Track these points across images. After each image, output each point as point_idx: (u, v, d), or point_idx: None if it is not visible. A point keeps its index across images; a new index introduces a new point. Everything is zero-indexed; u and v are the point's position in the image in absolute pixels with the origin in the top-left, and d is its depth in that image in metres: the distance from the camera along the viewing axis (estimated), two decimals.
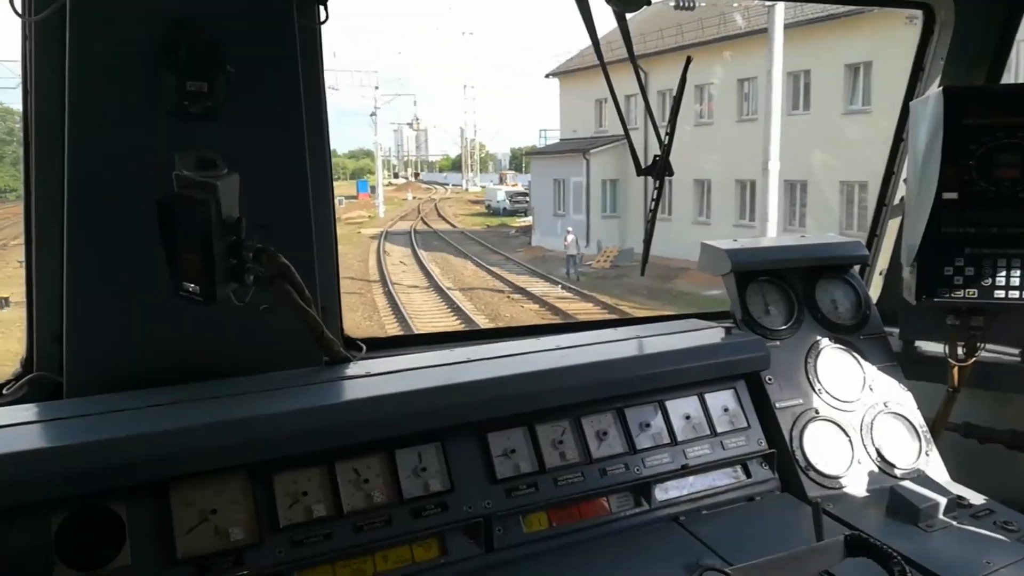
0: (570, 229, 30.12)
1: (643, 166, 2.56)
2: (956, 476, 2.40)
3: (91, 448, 1.62)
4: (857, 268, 2.79)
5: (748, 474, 2.26)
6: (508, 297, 23.23)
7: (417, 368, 2.11)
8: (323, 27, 2.16)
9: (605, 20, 2.33)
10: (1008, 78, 2.99)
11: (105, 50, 1.88)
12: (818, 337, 2.54)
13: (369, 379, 2.03)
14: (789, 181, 23.74)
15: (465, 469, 1.95)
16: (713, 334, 2.46)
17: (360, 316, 20.58)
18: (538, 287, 24.54)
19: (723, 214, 27.56)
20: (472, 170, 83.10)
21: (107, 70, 1.89)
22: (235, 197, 1.78)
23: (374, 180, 60.07)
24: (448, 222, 46.86)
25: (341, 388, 1.99)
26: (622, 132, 2.68)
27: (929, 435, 2.46)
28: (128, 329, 2.01)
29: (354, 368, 2.12)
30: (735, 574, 1.52)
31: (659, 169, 2.52)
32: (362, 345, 2.35)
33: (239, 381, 1.98)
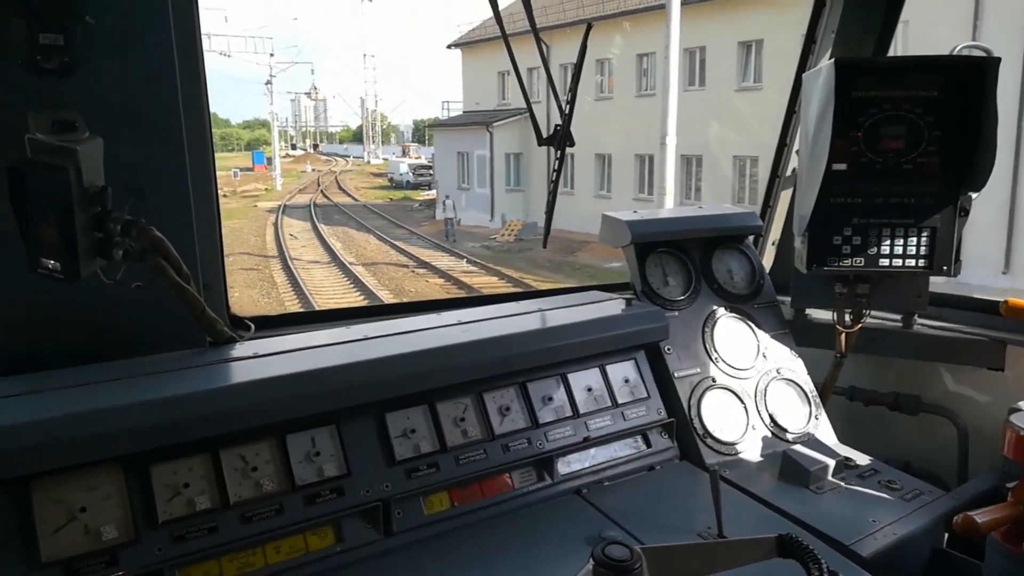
0: (447, 196, 32.15)
1: (544, 136, 2.53)
2: (843, 438, 2.50)
3: None
4: (751, 238, 2.85)
5: (648, 444, 2.28)
6: (412, 272, 22.99)
7: (309, 348, 2.00)
8: None
9: None
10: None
11: None
12: (714, 307, 2.58)
13: (256, 360, 1.90)
14: (685, 155, 24.41)
15: (362, 452, 1.86)
16: (614, 306, 2.45)
17: (258, 293, 19.92)
18: (443, 261, 24.40)
19: (623, 188, 28.10)
20: (374, 142, 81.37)
21: None
22: (99, 163, 1.61)
23: (271, 151, 57.91)
24: (349, 195, 45.83)
25: (225, 370, 1.85)
26: (525, 105, 2.62)
27: (818, 399, 2.55)
28: None
29: (240, 349, 1.98)
30: (644, 553, 1.48)
31: (560, 139, 2.48)
32: (250, 324, 2.21)
33: (112, 366, 1.82)
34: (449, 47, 38.56)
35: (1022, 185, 16.06)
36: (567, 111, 2.47)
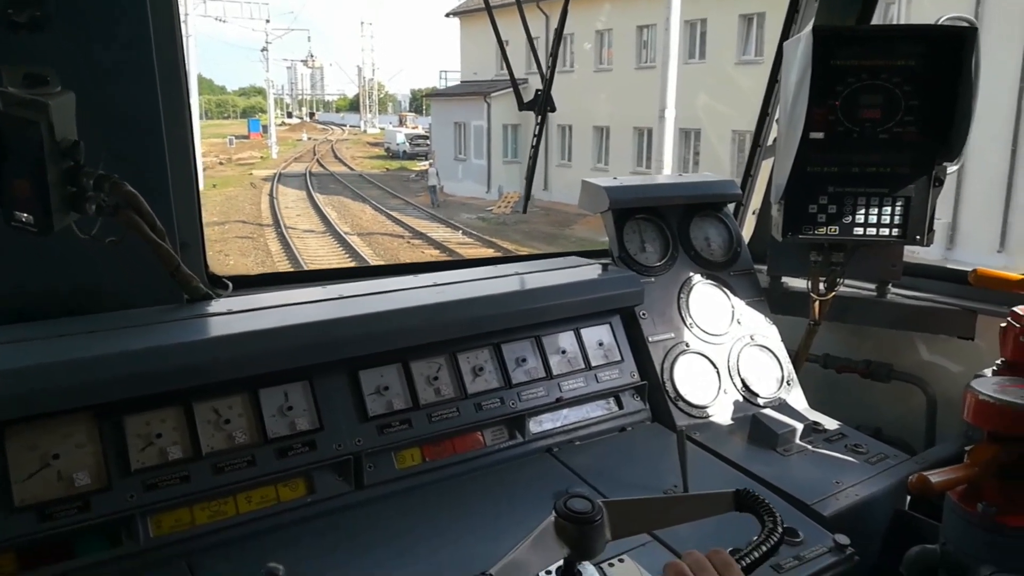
0: (431, 162, 34.07)
1: (524, 101, 2.54)
2: (816, 405, 2.54)
3: None
4: (732, 207, 2.87)
5: (620, 405, 2.32)
6: (408, 243, 22.95)
7: (285, 305, 2.02)
8: None
9: None
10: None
11: None
12: (691, 273, 2.60)
13: (231, 316, 1.93)
14: (684, 129, 24.27)
15: (335, 407, 1.90)
16: (590, 271, 2.48)
17: (252, 262, 19.91)
18: (439, 232, 24.34)
19: (621, 161, 27.95)
20: (370, 111, 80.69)
21: None
22: (71, 118, 1.62)
23: (266, 119, 57.42)
24: (346, 164, 45.53)
25: (199, 325, 1.88)
26: (523, 76, 2.64)
27: (791, 366, 2.59)
28: None
29: (216, 305, 2.01)
30: (605, 507, 1.53)
31: (540, 104, 2.49)
32: (228, 283, 2.23)
33: (88, 319, 1.84)
34: (448, 16, 38.13)
35: (1020, 165, 16.03)
36: (548, 76, 2.48)
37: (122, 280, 1.96)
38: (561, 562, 1.55)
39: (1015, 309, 2.00)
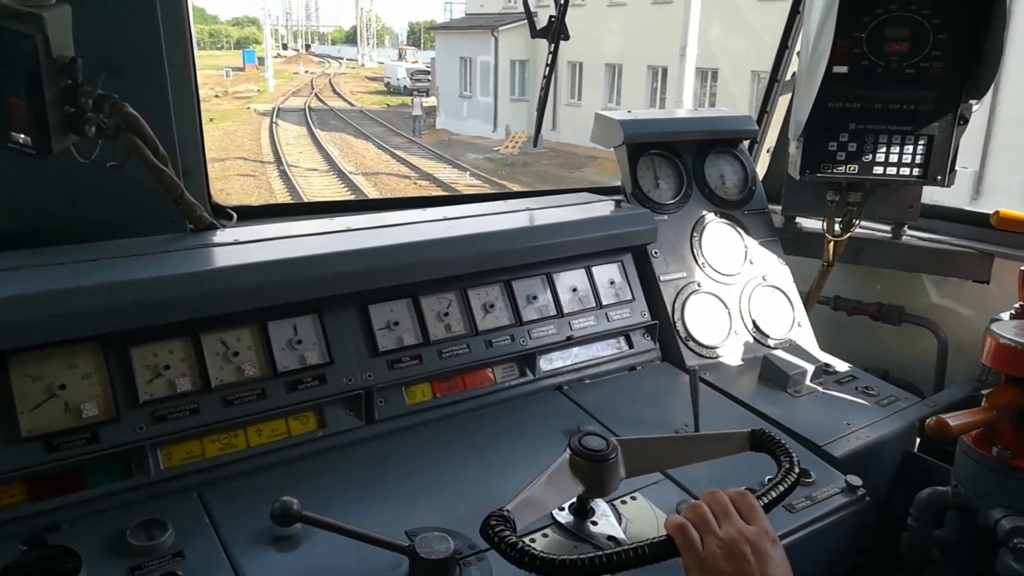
0: (416, 92, 37.18)
1: (537, 29, 2.45)
2: (825, 346, 2.52)
3: None
4: (747, 144, 2.79)
5: (631, 345, 2.30)
6: (415, 184, 22.72)
7: (293, 236, 1.98)
8: None
9: None
10: None
11: None
12: (704, 211, 2.55)
13: (238, 246, 1.88)
14: (700, 69, 23.63)
15: (344, 342, 1.87)
16: (603, 207, 2.42)
17: (255, 202, 19.76)
18: (445, 173, 24.07)
19: (634, 101, 27.31)
20: (368, 44, 78.83)
21: None
22: (68, 33, 1.54)
23: (262, 51, 56.09)
24: (345, 99, 44.72)
25: (205, 255, 1.84)
26: (534, 10, 2.53)
27: (803, 307, 2.55)
28: None
29: (221, 235, 1.96)
30: (619, 444, 1.52)
31: (554, 31, 2.40)
32: (232, 213, 2.18)
33: (87, 247, 1.80)
34: None
35: None
36: (562, 2, 2.39)
37: (123, 208, 1.91)
38: (575, 499, 1.55)
39: None
